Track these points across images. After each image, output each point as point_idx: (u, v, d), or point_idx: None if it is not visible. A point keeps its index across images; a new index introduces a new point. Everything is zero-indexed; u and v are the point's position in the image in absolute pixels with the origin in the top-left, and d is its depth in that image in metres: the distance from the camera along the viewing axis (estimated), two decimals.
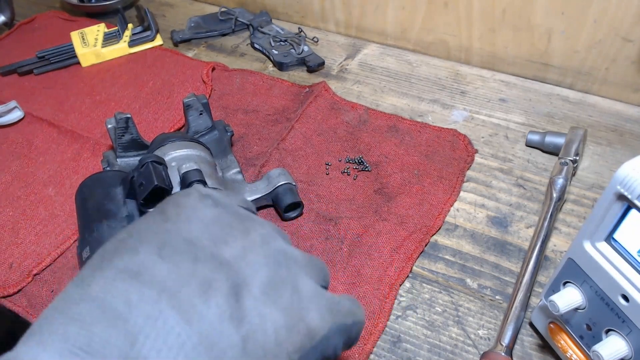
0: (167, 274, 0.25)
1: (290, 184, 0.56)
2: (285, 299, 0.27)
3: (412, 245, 0.54)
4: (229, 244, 0.28)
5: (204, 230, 0.28)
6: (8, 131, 0.71)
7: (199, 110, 0.61)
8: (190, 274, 0.25)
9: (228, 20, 0.86)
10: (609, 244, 0.36)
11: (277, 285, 0.28)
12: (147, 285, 0.24)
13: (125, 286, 0.23)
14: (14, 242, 0.57)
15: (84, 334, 0.21)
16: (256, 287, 0.27)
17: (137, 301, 0.23)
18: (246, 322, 0.25)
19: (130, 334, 0.22)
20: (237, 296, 0.25)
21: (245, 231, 0.29)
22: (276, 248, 0.30)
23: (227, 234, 0.28)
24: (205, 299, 0.24)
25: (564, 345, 0.42)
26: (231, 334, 0.24)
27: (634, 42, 0.66)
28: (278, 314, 0.26)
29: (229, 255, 0.27)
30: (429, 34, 0.79)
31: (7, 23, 0.89)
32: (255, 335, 0.25)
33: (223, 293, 0.25)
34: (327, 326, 0.29)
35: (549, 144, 0.63)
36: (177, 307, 0.23)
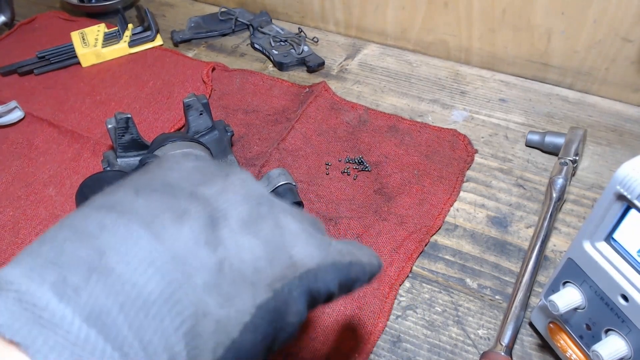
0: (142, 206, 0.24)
1: (291, 184, 0.56)
2: (265, 232, 0.26)
3: (412, 245, 0.54)
4: (208, 185, 0.27)
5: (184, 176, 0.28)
6: (8, 131, 0.71)
7: (199, 110, 0.61)
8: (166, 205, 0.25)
9: (228, 21, 0.86)
10: (609, 244, 0.37)
11: (257, 220, 0.27)
12: (120, 213, 0.24)
13: (100, 215, 0.24)
14: (14, 242, 0.57)
15: (54, 250, 0.22)
16: (234, 219, 0.26)
17: (110, 224, 0.23)
18: (222, 248, 0.24)
19: (99, 249, 0.22)
20: (213, 226, 0.25)
21: (225, 175, 0.29)
22: (257, 190, 0.29)
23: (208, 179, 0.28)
24: (180, 224, 0.24)
25: (564, 345, 0.42)
26: (205, 255, 0.24)
27: (634, 42, 0.66)
28: (257, 244, 0.26)
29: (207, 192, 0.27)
30: (429, 34, 0.79)
31: (7, 23, 0.89)
32: (232, 261, 0.24)
33: (198, 221, 0.25)
34: (315, 261, 0.28)
35: (548, 144, 0.63)
36: (149, 229, 0.23)
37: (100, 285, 0.21)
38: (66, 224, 0.24)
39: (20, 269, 0.21)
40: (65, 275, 0.21)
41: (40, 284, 0.20)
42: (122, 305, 0.21)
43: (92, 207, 0.25)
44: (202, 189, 0.27)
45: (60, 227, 0.24)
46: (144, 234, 0.23)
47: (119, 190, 0.26)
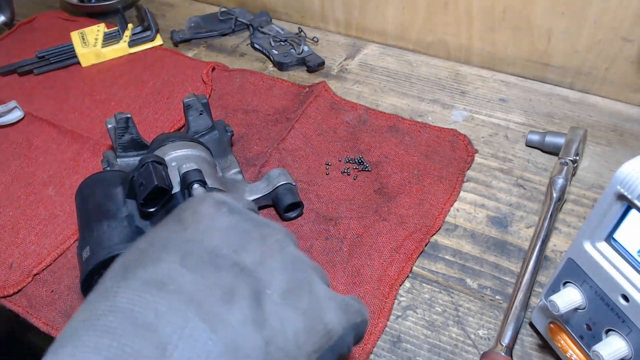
0: (192, 284, 0.25)
1: (290, 184, 0.56)
2: (303, 302, 0.28)
3: (412, 245, 0.54)
4: (248, 251, 0.28)
5: (224, 238, 0.28)
6: (8, 131, 0.71)
7: (199, 110, 0.61)
8: (214, 282, 0.25)
9: (228, 20, 0.86)
10: (609, 244, 0.36)
11: (295, 289, 0.28)
12: (173, 295, 0.24)
13: (152, 297, 0.24)
14: (14, 242, 0.57)
15: (115, 345, 0.21)
16: (275, 292, 0.27)
17: (165, 311, 0.23)
18: (267, 325, 0.26)
19: (160, 344, 0.22)
20: (258, 301, 0.26)
21: (262, 238, 0.30)
22: (291, 253, 0.30)
23: (246, 242, 0.29)
24: (229, 306, 0.25)
25: (564, 345, 0.42)
26: (254, 338, 0.25)
27: (634, 42, 0.66)
28: (297, 317, 0.27)
29: (249, 262, 0.28)
30: (429, 34, 0.79)
31: (7, 23, 0.89)
32: (277, 338, 0.26)
33: (245, 299, 0.26)
34: (342, 326, 0.30)
35: (549, 144, 0.63)
36: (203, 316, 0.24)
37: None
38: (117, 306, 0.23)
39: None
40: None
41: None
42: None
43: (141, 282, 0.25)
44: (243, 257, 0.28)
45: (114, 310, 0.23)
46: (198, 323, 0.23)
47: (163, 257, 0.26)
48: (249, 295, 0.26)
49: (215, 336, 0.23)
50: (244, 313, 0.25)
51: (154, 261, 0.26)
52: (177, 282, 0.25)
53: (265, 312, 0.26)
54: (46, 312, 0.51)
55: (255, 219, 0.32)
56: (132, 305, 0.23)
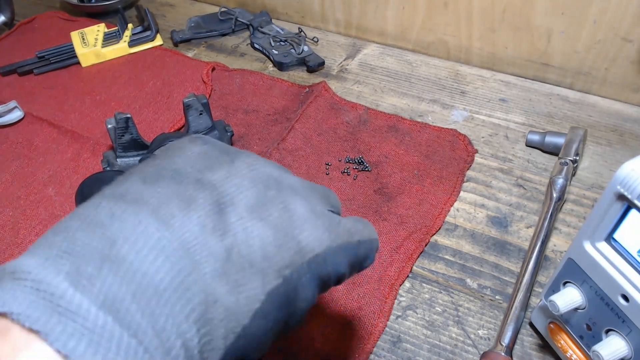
0: (149, 194, 0.25)
1: None
2: (273, 217, 0.27)
3: (412, 245, 0.54)
4: (214, 170, 0.28)
5: (190, 161, 0.28)
6: (8, 131, 0.71)
7: (199, 110, 0.61)
8: (173, 192, 0.25)
9: (228, 20, 0.86)
10: (609, 244, 0.36)
11: (265, 204, 0.27)
12: (128, 202, 0.24)
13: (108, 203, 0.24)
14: (14, 242, 0.57)
15: (68, 240, 0.22)
16: (241, 205, 0.26)
17: (119, 213, 0.24)
18: (230, 234, 0.25)
19: (110, 238, 0.22)
20: (220, 212, 0.25)
21: (230, 160, 0.29)
22: (265, 172, 0.29)
23: (212, 163, 0.28)
24: (187, 212, 0.24)
25: (564, 345, 0.42)
26: (213, 244, 0.24)
27: (634, 43, 0.66)
28: (265, 230, 0.26)
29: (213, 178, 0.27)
30: (429, 34, 0.79)
31: (7, 23, 0.89)
32: (240, 248, 0.25)
33: (204, 208, 0.25)
34: (323, 245, 0.28)
35: (549, 144, 0.63)
36: (158, 217, 0.24)
37: (113, 274, 0.21)
38: (78, 214, 0.24)
39: (36, 259, 0.22)
40: (79, 264, 0.21)
41: (56, 274, 0.21)
42: (135, 293, 0.21)
43: (102, 197, 0.25)
44: (208, 175, 0.27)
45: (72, 217, 0.24)
46: (152, 222, 0.23)
47: (128, 179, 0.27)
48: (210, 205, 0.25)
49: (170, 235, 0.23)
50: (202, 220, 0.24)
51: (118, 182, 0.27)
52: (135, 193, 0.25)
53: (227, 223, 0.25)
54: None
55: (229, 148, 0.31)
56: (89, 211, 0.24)
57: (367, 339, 0.47)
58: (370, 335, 0.48)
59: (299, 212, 0.28)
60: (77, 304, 0.20)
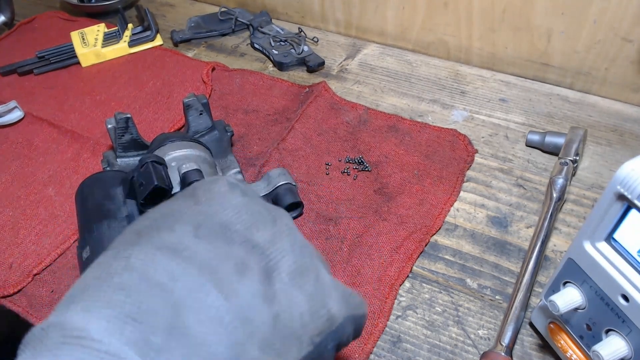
0: (205, 252, 0.25)
1: (290, 184, 0.56)
2: (309, 286, 0.28)
3: (412, 245, 0.54)
4: (260, 230, 0.28)
5: (236, 215, 0.29)
6: (8, 131, 0.71)
7: (199, 110, 0.61)
8: (227, 253, 0.26)
9: (228, 20, 0.86)
10: (609, 244, 0.36)
11: (303, 272, 0.28)
12: (187, 261, 0.24)
13: (167, 260, 0.24)
14: (14, 242, 0.57)
15: (130, 302, 0.21)
16: (284, 271, 0.27)
17: (179, 274, 0.23)
18: (276, 302, 0.26)
19: (175, 305, 0.22)
20: (268, 278, 0.26)
21: (273, 220, 0.30)
22: (300, 238, 0.30)
23: (258, 221, 0.29)
24: (241, 277, 0.25)
25: (564, 345, 0.42)
26: (264, 312, 0.25)
27: (634, 43, 0.66)
28: (303, 299, 0.27)
29: (260, 240, 0.28)
30: (429, 34, 0.79)
31: (7, 23, 0.89)
32: (284, 316, 0.26)
33: (256, 274, 0.26)
34: (343, 314, 0.30)
35: (549, 144, 0.63)
36: (216, 283, 0.24)
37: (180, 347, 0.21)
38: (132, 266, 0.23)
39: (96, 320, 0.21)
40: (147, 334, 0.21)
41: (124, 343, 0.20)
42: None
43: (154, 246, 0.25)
44: (255, 235, 0.28)
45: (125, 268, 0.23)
46: (212, 290, 0.24)
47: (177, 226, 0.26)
48: (260, 271, 0.26)
49: (228, 304, 0.24)
50: (256, 286, 0.25)
51: (167, 229, 0.26)
52: (190, 250, 0.25)
53: (274, 289, 0.26)
54: (46, 312, 0.51)
55: (266, 204, 0.32)
56: (146, 266, 0.23)
57: (367, 339, 0.47)
58: (370, 335, 0.48)
59: (326, 281, 0.30)
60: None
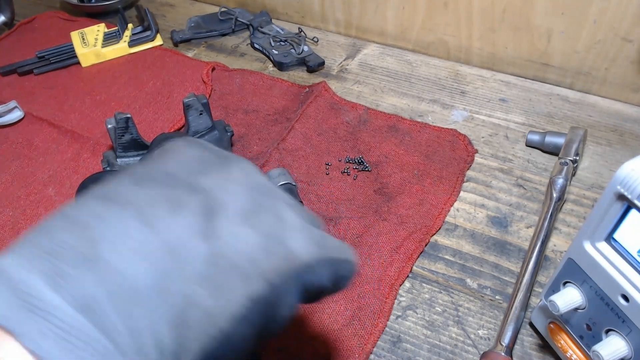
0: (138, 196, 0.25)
1: (291, 184, 0.56)
2: (264, 224, 0.27)
3: (412, 245, 0.54)
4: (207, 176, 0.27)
5: (184, 165, 0.28)
6: (8, 131, 0.71)
7: (199, 110, 0.61)
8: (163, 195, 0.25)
9: (228, 20, 0.86)
10: (609, 244, 0.36)
11: (257, 211, 0.27)
12: (115, 203, 0.24)
13: (95, 204, 0.24)
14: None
15: (49, 239, 0.22)
16: (232, 211, 0.26)
17: (104, 214, 0.24)
18: (216, 237, 0.25)
19: (93, 239, 0.22)
20: (210, 217, 0.25)
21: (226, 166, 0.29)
22: (259, 181, 0.29)
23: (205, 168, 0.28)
24: (173, 214, 0.24)
25: (564, 345, 0.42)
26: (197, 245, 0.24)
27: (634, 43, 0.66)
28: (254, 236, 0.26)
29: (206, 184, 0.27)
30: (429, 34, 0.79)
31: (7, 23, 0.89)
32: (226, 251, 0.25)
33: (194, 212, 0.25)
34: (312, 255, 0.28)
35: (549, 144, 0.63)
36: (142, 219, 0.24)
37: (91, 274, 0.21)
38: (63, 213, 0.24)
39: (15, 258, 0.22)
40: (58, 264, 0.21)
41: (34, 274, 0.21)
42: (111, 294, 0.21)
43: (90, 197, 0.25)
44: (201, 179, 0.27)
45: (57, 216, 0.24)
46: (136, 224, 0.23)
47: (119, 179, 0.27)
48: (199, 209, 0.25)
49: (153, 236, 0.23)
50: (190, 223, 0.24)
51: (108, 181, 0.27)
52: (123, 195, 0.25)
53: (216, 227, 0.25)
54: None
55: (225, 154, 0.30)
56: (75, 210, 0.24)
57: (367, 339, 0.47)
58: (370, 335, 0.48)
59: (290, 220, 0.28)
60: (52, 304, 0.20)
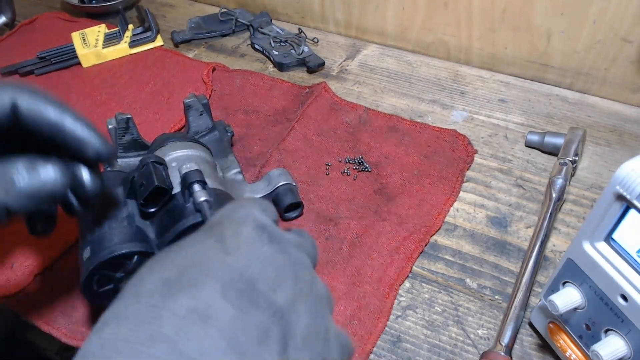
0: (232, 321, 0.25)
1: (291, 184, 0.57)
2: (319, 347, 0.29)
3: (412, 245, 0.54)
4: (282, 289, 0.29)
5: (262, 270, 0.29)
6: None
7: (199, 111, 0.61)
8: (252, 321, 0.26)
9: (228, 21, 0.86)
10: (608, 244, 0.37)
11: (315, 334, 0.29)
12: (215, 330, 0.24)
13: (197, 329, 0.24)
14: (16, 242, 0.57)
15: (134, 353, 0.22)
16: (299, 336, 0.28)
17: (209, 348, 0.24)
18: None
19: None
20: (285, 345, 0.27)
21: (295, 277, 0.30)
22: (317, 295, 0.31)
23: (281, 279, 0.29)
24: (263, 347, 0.26)
25: (563, 344, 0.42)
26: None
27: (633, 43, 0.66)
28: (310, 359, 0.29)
29: (282, 303, 0.28)
30: (429, 34, 0.80)
31: (8, 24, 0.89)
32: None
33: (276, 342, 0.26)
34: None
35: (548, 144, 0.63)
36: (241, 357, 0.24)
37: None
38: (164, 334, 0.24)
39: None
40: None
41: None
42: None
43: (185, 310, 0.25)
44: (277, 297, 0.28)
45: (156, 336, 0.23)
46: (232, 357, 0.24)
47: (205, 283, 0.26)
48: (279, 339, 0.27)
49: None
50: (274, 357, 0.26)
51: (196, 285, 0.26)
52: (219, 316, 0.25)
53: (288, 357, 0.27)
54: (47, 312, 0.51)
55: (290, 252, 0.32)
56: (177, 335, 0.23)
57: (367, 339, 0.47)
58: (370, 335, 0.48)
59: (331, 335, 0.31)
60: None
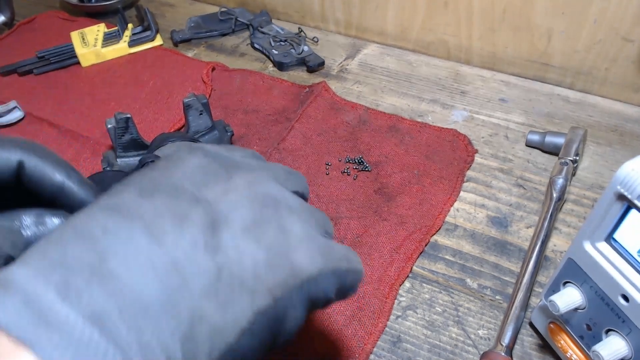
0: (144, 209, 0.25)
1: None
2: (268, 237, 0.27)
3: (412, 245, 0.54)
4: (211, 186, 0.28)
5: (187, 175, 0.29)
6: (8, 131, 0.71)
7: (199, 110, 0.61)
8: (168, 208, 0.26)
9: (228, 20, 0.86)
10: (609, 244, 0.36)
11: (261, 224, 0.27)
12: (123, 216, 0.25)
13: (104, 216, 0.25)
14: None
15: (59, 252, 0.23)
16: (236, 224, 0.27)
17: (112, 227, 0.24)
18: (222, 252, 0.25)
19: (101, 252, 0.23)
20: (214, 230, 0.26)
21: (229, 177, 0.29)
22: (263, 191, 0.29)
23: (210, 179, 0.29)
24: (180, 229, 0.25)
25: (564, 345, 0.42)
26: (204, 261, 0.24)
27: (634, 42, 0.66)
28: (258, 250, 0.26)
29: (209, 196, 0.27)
30: (429, 34, 0.79)
31: (7, 23, 0.89)
32: (231, 266, 0.25)
33: (198, 225, 0.25)
34: (316, 267, 0.28)
35: (549, 144, 0.63)
36: (149, 232, 0.24)
37: (101, 288, 0.22)
38: (71, 224, 0.24)
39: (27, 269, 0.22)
40: (69, 277, 0.22)
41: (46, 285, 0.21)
42: (122, 308, 0.22)
43: (97, 208, 0.25)
44: (204, 191, 0.27)
45: (65, 227, 0.24)
46: (144, 238, 0.24)
47: (124, 190, 0.27)
48: (203, 223, 0.26)
49: (160, 252, 0.24)
50: (195, 237, 0.25)
51: (115, 193, 0.27)
52: (130, 207, 0.25)
53: (220, 241, 0.26)
54: None
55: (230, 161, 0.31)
56: (84, 222, 0.24)
57: (367, 339, 0.47)
58: (370, 335, 0.48)
59: (294, 232, 0.28)
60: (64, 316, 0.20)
